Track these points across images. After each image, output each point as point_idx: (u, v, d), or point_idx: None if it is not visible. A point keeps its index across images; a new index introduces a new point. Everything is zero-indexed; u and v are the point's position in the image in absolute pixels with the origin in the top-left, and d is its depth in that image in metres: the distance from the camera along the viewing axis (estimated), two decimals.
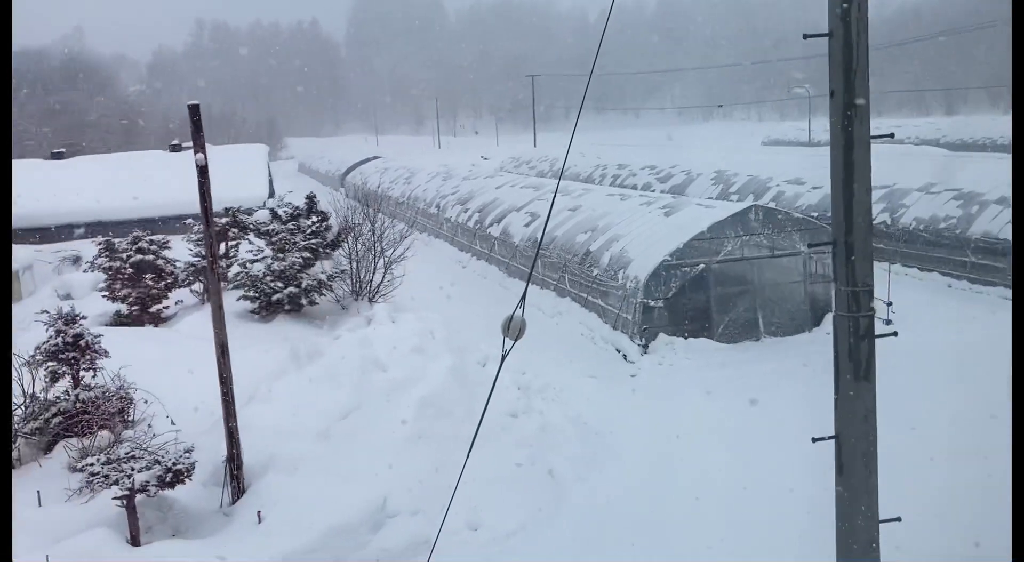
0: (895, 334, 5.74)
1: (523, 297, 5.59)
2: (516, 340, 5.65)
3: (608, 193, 27.15)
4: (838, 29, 5.11)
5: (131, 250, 22.18)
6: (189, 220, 26.16)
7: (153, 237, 23.11)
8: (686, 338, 18.40)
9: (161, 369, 14.80)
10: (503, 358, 5.74)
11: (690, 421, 14.41)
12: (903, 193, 26.56)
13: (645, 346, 18.23)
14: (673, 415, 14.78)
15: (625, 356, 18.26)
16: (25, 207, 40.79)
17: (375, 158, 73.36)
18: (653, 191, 37.85)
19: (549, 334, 20.31)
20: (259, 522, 10.79)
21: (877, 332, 5.43)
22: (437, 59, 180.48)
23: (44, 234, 40.05)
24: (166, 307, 22.96)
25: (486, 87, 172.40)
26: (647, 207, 22.47)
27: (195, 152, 11.20)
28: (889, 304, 18.47)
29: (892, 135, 5.66)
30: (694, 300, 18.78)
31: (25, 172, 44.28)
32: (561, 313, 21.83)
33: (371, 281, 23.04)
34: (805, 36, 5.28)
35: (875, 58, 5.29)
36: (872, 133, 5.23)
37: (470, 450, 6.44)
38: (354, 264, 23.02)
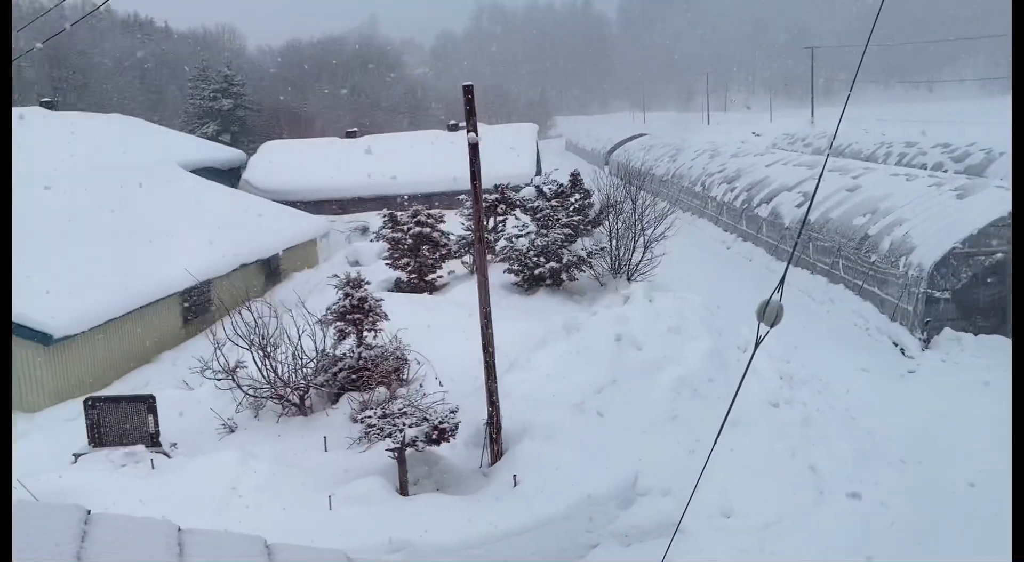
0: None
1: (782, 281, 5.29)
2: (772, 326, 5.35)
3: (892, 173, 25.06)
4: None
5: (411, 223, 23.82)
6: (462, 196, 27.63)
7: (430, 211, 24.68)
8: (976, 334, 16.62)
9: (432, 333, 15.81)
10: (757, 344, 5.49)
11: (975, 426, 13.03)
12: None
13: (927, 341, 16.71)
14: (955, 418, 13.44)
15: (903, 350, 16.86)
16: (322, 181, 45.27)
17: (640, 135, 73.14)
18: (945, 171, 34.41)
19: (818, 322, 19.24)
20: (515, 485, 11.22)
21: None
22: (710, 34, 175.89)
23: (339, 205, 44.13)
24: (440, 276, 24.47)
25: (761, 61, 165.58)
26: (937, 189, 20.48)
27: (467, 131, 11.74)
28: None
29: None
30: (988, 292, 16.88)
31: (322, 149, 49.08)
32: (832, 300, 20.56)
33: (630, 259, 23.04)
34: None
35: None
36: None
37: (718, 434, 6.26)
38: (614, 242, 23.14)
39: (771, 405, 13.40)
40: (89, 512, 2.99)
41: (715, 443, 6.65)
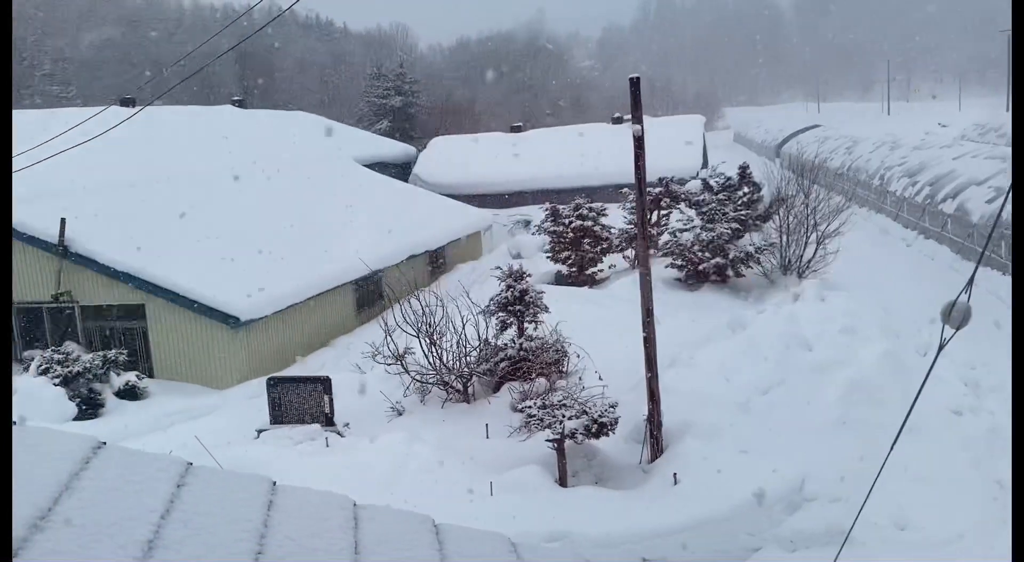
0: None
1: (971, 280, 4.92)
2: (957, 329, 4.98)
3: None
4: None
5: (573, 216, 23.92)
6: (625, 189, 27.42)
7: (592, 205, 24.67)
8: None
9: (592, 327, 15.82)
10: (940, 347, 5.13)
11: None
12: None
13: None
14: None
15: None
16: (487, 175, 46.19)
17: (814, 127, 70.11)
18: None
19: (1008, 326, 17.80)
20: (675, 483, 11.08)
21: None
22: (892, 18, 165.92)
23: (502, 199, 44.88)
24: (600, 270, 24.45)
25: (949, 46, 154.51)
26: None
27: (632, 124, 11.65)
28: None
29: None
30: None
31: (488, 144, 50.05)
32: None
33: (801, 256, 22.15)
34: None
35: None
36: None
37: (895, 441, 5.91)
38: (784, 237, 22.31)
39: (953, 413, 12.56)
40: (275, 483, 3.19)
41: (891, 450, 6.30)
